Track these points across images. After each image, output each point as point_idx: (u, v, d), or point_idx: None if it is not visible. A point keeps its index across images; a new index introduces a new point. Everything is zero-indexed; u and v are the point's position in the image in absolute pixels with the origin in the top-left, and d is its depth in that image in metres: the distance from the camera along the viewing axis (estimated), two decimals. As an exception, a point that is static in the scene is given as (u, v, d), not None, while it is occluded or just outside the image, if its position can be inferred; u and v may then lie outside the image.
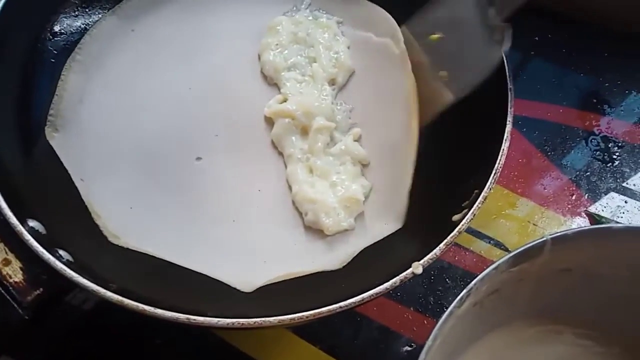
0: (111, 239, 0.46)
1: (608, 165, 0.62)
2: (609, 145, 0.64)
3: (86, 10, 0.55)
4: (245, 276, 0.46)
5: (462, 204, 0.45)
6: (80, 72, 0.53)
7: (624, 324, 0.44)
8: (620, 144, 0.64)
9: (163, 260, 0.46)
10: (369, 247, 0.48)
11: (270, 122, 0.53)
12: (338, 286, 0.44)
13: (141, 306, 0.38)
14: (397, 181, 0.50)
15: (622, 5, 0.65)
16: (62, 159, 0.48)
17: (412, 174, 0.50)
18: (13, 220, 0.40)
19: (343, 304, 0.39)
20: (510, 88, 0.48)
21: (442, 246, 0.42)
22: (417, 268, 0.40)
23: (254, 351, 0.51)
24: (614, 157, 0.63)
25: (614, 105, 0.66)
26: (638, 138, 0.64)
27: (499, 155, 0.45)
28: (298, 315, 0.39)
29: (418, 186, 0.50)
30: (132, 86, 0.53)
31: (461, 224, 0.43)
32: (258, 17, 0.58)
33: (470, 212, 0.43)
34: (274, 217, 0.49)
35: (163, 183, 0.49)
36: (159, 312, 0.38)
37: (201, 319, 0.38)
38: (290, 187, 0.50)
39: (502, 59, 0.48)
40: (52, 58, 0.53)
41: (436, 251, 0.41)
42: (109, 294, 0.38)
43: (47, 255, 0.39)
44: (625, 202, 0.60)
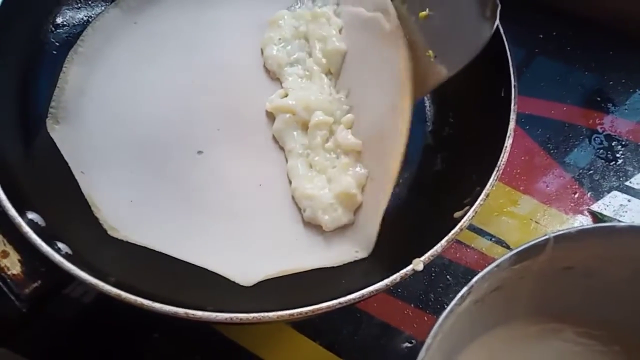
0: (110, 232, 0.46)
1: (611, 163, 0.62)
2: (613, 143, 0.63)
3: (89, 2, 0.55)
4: (245, 270, 0.45)
5: (464, 201, 0.44)
6: (82, 65, 0.52)
7: (625, 323, 0.44)
8: (623, 143, 0.63)
9: (162, 253, 0.46)
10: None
11: (272, 117, 0.53)
12: (338, 282, 0.44)
13: (139, 300, 0.37)
14: (387, 169, 0.48)
15: (628, 3, 0.65)
16: (63, 151, 0.48)
17: (401, 161, 0.47)
18: (12, 212, 0.39)
19: (343, 300, 0.39)
20: (514, 85, 0.48)
21: (444, 243, 0.41)
22: (418, 265, 0.40)
23: (253, 346, 0.51)
24: (618, 156, 0.63)
25: (618, 103, 0.66)
26: (641, 137, 0.64)
27: (502, 152, 0.45)
28: (297, 310, 0.38)
29: (421, 182, 0.50)
30: (134, 79, 0.53)
31: (463, 221, 0.42)
32: (262, 11, 0.57)
33: (472, 209, 0.43)
34: (275, 212, 0.49)
35: (164, 176, 0.49)
36: (157, 306, 0.37)
37: (200, 314, 0.38)
38: (290, 182, 0.50)
39: (506, 52, 0.47)
40: (54, 50, 0.53)
41: (437, 248, 0.41)
42: (107, 287, 0.38)
43: (46, 247, 0.39)
44: (628, 201, 0.60)
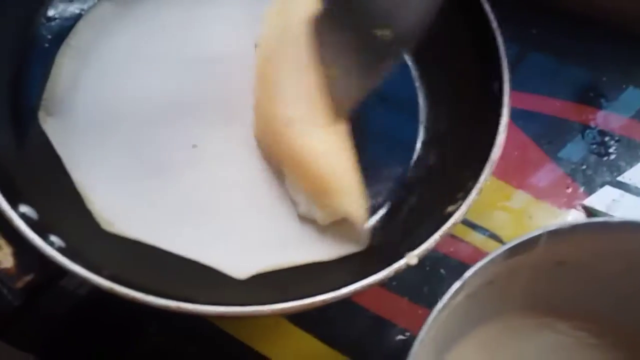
0: (104, 226, 0.46)
1: (604, 159, 0.62)
2: (606, 139, 0.63)
3: (81, -6, 0.55)
4: (239, 263, 0.45)
5: (457, 195, 0.44)
6: (74, 58, 0.52)
7: (617, 316, 0.45)
8: (616, 138, 0.63)
9: (156, 247, 0.46)
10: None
11: (267, 113, 0.53)
12: (333, 275, 0.44)
13: (132, 293, 0.37)
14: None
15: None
16: (55, 144, 0.48)
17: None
18: (4, 205, 0.39)
19: (338, 294, 0.39)
20: (508, 80, 0.48)
21: (437, 237, 0.41)
22: (412, 259, 0.40)
23: (248, 338, 0.51)
24: (610, 151, 0.63)
25: (611, 99, 0.65)
26: (634, 132, 0.64)
27: (495, 147, 0.45)
28: (292, 304, 0.38)
29: (415, 176, 0.50)
30: (127, 72, 0.52)
31: (456, 216, 0.42)
32: (256, 6, 0.56)
33: (465, 204, 0.43)
34: (270, 205, 0.49)
35: (158, 170, 0.49)
36: (150, 299, 0.37)
37: (192, 307, 0.38)
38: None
39: (499, 47, 0.47)
40: (46, 43, 0.52)
41: (431, 242, 0.41)
42: (100, 281, 0.38)
43: (39, 241, 0.38)
44: (620, 196, 0.60)
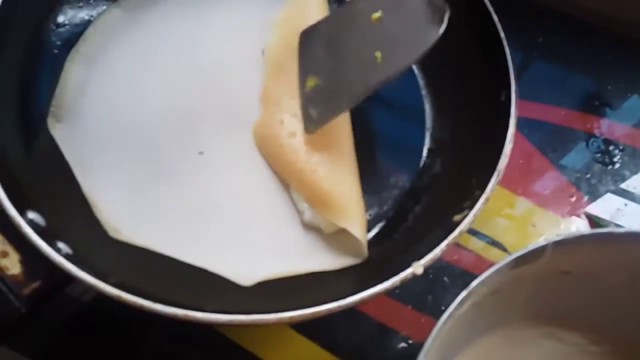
0: (111, 233, 0.46)
1: (608, 167, 0.62)
2: (610, 147, 0.63)
3: (90, 1, 0.55)
4: (244, 271, 0.46)
5: (464, 204, 0.45)
6: (83, 64, 0.52)
7: (621, 326, 0.45)
8: (621, 147, 0.63)
9: (163, 254, 0.46)
10: (369, 244, 0.47)
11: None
12: (338, 284, 0.45)
13: (139, 301, 0.38)
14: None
15: (627, 7, 0.65)
16: (63, 151, 0.48)
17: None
18: (12, 211, 0.39)
19: (342, 303, 0.39)
20: (515, 90, 0.48)
21: (443, 246, 0.42)
22: (418, 268, 0.40)
23: (250, 345, 0.51)
24: (615, 160, 0.63)
25: (616, 107, 0.66)
26: (639, 141, 0.64)
27: (502, 157, 0.45)
28: (297, 313, 0.39)
29: (421, 185, 0.50)
30: (135, 79, 0.52)
31: (463, 224, 0.43)
32: (264, 11, 0.57)
33: (471, 213, 0.43)
34: (275, 214, 0.49)
35: (165, 177, 0.49)
36: (157, 307, 0.37)
37: (199, 315, 0.38)
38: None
39: (506, 56, 0.48)
40: (55, 49, 0.52)
41: (437, 251, 0.41)
42: (108, 288, 0.38)
43: (46, 247, 0.38)
44: (624, 205, 0.60)
